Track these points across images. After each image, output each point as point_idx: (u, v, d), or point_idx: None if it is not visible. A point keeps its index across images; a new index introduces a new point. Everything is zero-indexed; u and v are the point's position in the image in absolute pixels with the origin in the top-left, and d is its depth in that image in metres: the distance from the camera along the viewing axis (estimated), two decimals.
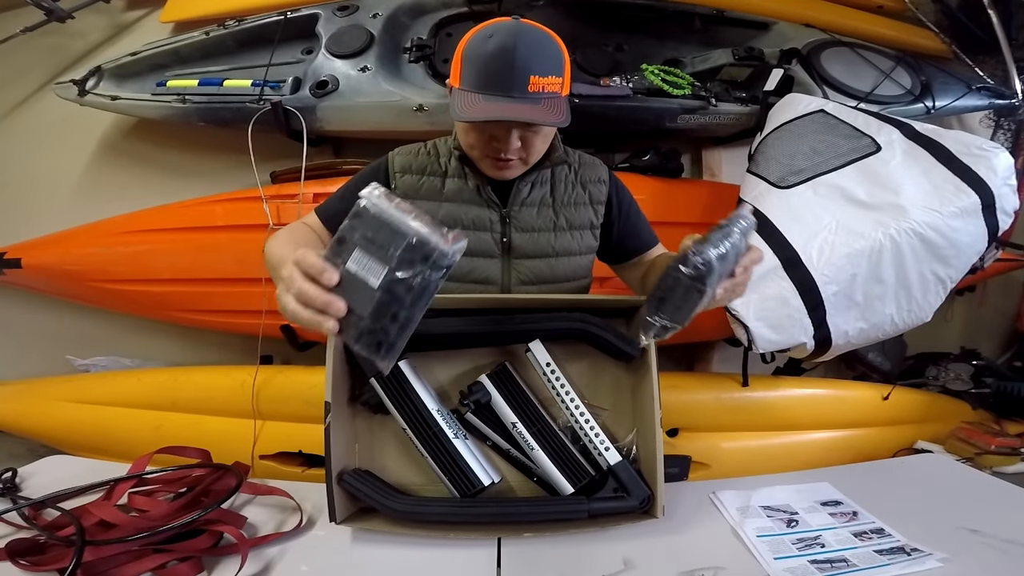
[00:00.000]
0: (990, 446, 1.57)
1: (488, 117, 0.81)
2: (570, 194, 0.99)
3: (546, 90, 0.82)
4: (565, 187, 0.99)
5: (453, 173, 0.96)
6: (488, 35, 0.82)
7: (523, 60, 0.80)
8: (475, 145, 0.89)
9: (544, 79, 0.82)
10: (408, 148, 1.01)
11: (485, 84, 0.82)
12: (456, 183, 0.96)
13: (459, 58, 0.85)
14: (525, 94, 0.81)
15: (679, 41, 1.94)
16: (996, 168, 1.34)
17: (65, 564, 0.65)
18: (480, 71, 0.82)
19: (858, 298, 1.33)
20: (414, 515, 0.75)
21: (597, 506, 0.76)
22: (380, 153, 1.02)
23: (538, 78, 0.81)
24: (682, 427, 1.61)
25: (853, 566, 0.68)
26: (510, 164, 0.89)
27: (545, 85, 0.82)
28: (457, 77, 0.85)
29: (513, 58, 0.80)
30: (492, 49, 0.81)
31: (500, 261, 0.97)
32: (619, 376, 0.88)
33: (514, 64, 0.80)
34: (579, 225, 0.99)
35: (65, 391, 1.71)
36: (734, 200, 1.50)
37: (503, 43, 0.80)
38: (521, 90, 0.81)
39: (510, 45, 0.80)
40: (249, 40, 1.87)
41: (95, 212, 1.85)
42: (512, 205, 0.96)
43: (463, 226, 0.95)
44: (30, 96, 2.14)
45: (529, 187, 0.96)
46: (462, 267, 0.95)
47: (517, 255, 0.97)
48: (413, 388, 0.79)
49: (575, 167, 1.01)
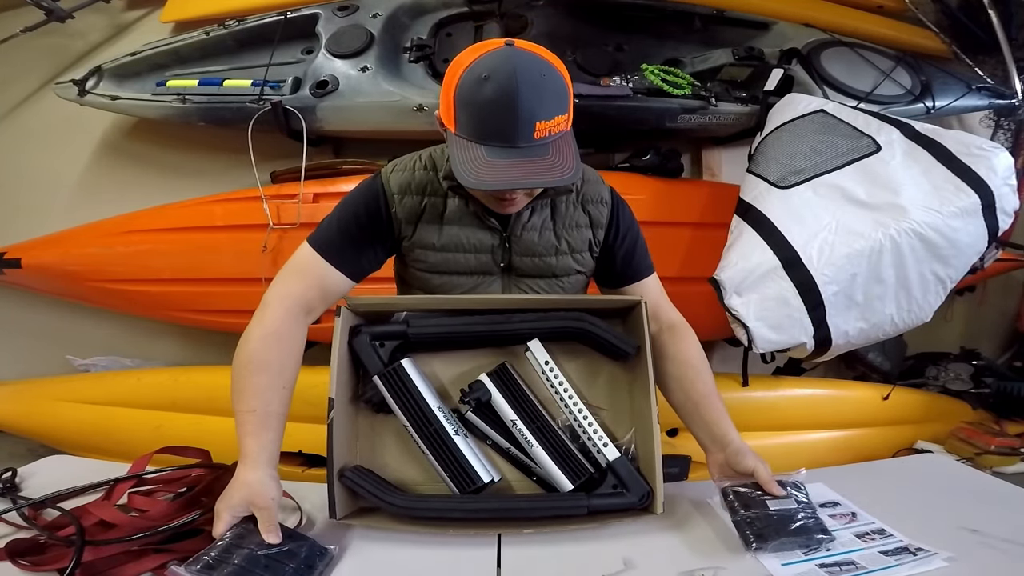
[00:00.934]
0: (990, 446, 1.57)
1: (496, 186, 0.75)
2: (571, 216, 0.94)
3: (553, 132, 0.75)
4: (566, 208, 0.94)
5: (454, 193, 0.92)
6: (483, 76, 0.73)
7: (527, 107, 0.72)
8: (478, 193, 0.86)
9: (550, 122, 0.74)
10: (402, 164, 0.92)
11: (487, 135, 0.74)
12: (458, 203, 0.91)
13: (452, 100, 0.76)
14: (531, 142, 0.74)
15: (679, 41, 1.94)
16: (996, 168, 1.34)
17: (65, 564, 0.64)
18: (481, 121, 0.74)
19: (858, 298, 1.33)
20: (414, 511, 0.75)
21: (596, 502, 0.76)
22: (380, 153, 1.00)
23: (544, 123, 0.74)
24: (682, 427, 1.61)
25: (862, 568, 0.67)
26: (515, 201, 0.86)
27: (552, 128, 0.75)
28: (452, 121, 0.77)
29: (516, 106, 0.72)
30: (491, 95, 0.72)
31: (500, 279, 0.95)
32: (616, 375, 0.88)
33: (518, 114, 0.72)
34: (579, 247, 0.95)
35: (65, 391, 1.72)
36: (734, 200, 1.50)
37: (503, 87, 0.71)
38: (527, 139, 0.74)
39: (511, 90, 0.71)
40: (249, 40, 1.87)
41: (95, 212, 1.85)
42: (513, 229, 0.92)
43: (464, 249, 0.92)
44: (30, 96, 2.14)
45: (530, 212, 0.92)
46: (463, 285, 0.94)
47: (518, 275, 0.95)
48: (415, 386, 0.79)
49: (577, 186, 0.95)
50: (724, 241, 1.43)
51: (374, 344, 0.81)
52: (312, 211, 1.63)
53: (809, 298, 1.30)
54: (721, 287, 1.34)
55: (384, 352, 0.81)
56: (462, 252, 0.92)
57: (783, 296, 1.31)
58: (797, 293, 1.30)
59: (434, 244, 0.91)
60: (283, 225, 1.62)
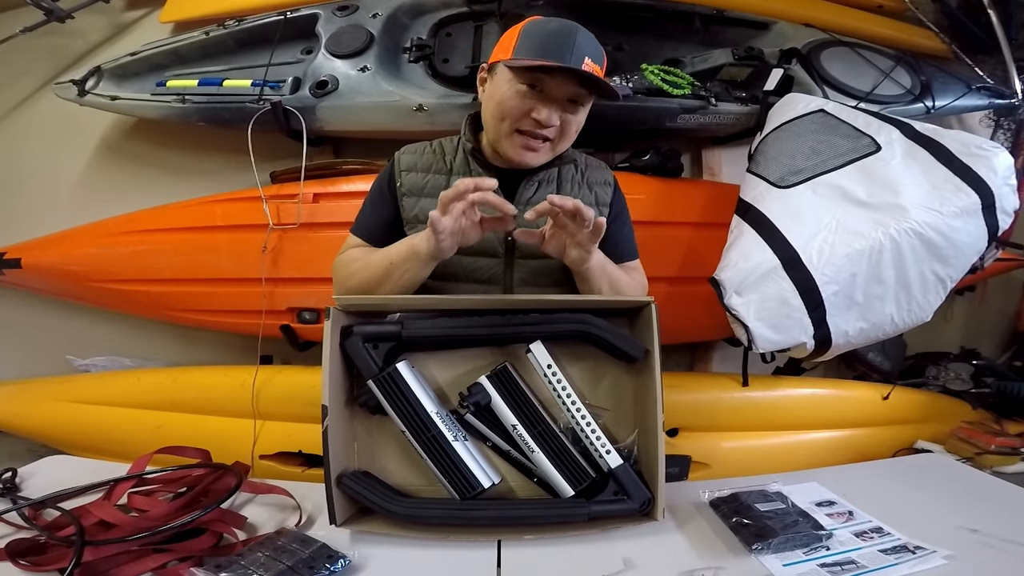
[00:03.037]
0: (990, 446, 1.57)
1: (549, 62, 0.82)
2: (576, 194, 0.97)
3: (596, 75, 0.85)
4: (572, 187, 0.98)
5: (459, 170, 0.96)
6: (548, 20, 0.89)
7: (582, 42, 0.85)
8: (509, 114, 0.89)
9: (595, 66, 0.86)
10: (414, 147, 1.02)
11: (543, 52, 0.84)
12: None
13: (515, 34, 0.88)
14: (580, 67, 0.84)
15: (679, 41, 1.94)
16: (996, 168, 1.33)
17: (65, 564, 0.65)
18: (539, 42, 0.85)
19: (858, 298, 1.33)
20: (414, 518, 0.75)
21: (597, 509, 0.76)
22: (380, 153, 1.03)
23: (592, 63, 0.85)
24: (682, 427, 1.61)
25: (863, 567, 0.67)
26: (538, 146, 0.90)
27: (596, 71, 0.86)
28: (510, 50, 0.88)
29: (574, 38, 0.84)
30: (554, 28, 0.87)
31: (503, 260, 0.96)
32: (621, 377, 0.87)
33: (575, 44, 0.84)
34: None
35: (65, 391, 1.71)
36: (734, 200, 1.50)
37: (564, 25, 0.87)
38: (578, 64, 0.83)
39: (571, 28, 0.86)
40: (249, 40, 1.87)
41: (95, 212, 1.85)
42: (518, 204, 0.94)
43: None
44: (30, 96, 2.14)
45: (535, 186, 0.96)
46: (464, 266, 0.95)
47: (520, 255, 0.96)
48: (412, 391, 0.78)
49: (582, 168, 1.01)
50: (724, 241, 1.43)
51: (367, 347, 0.79)
52: (312, 211, 1.63)
53: (809, 298, 1.30)
54: (721, 287, 1.33)
55: (378, 354, 0.80)
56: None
57: (783, 296, 1.31)
58: (797, 293, 1.30)
59: None
60: (283, 225, 1.62)
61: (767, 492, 0.83)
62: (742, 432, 1.64)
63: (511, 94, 0.88)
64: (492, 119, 0.92)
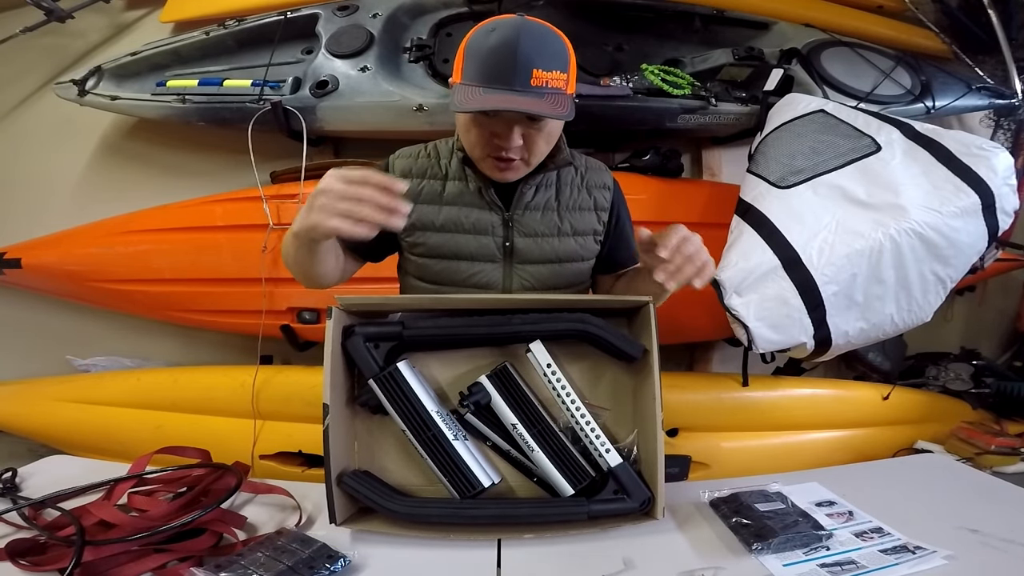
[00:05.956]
0: (990, 446, 1.57)
1: (486, 107, 0.78)
2: (575, 198, 0.96)
3: (550, 85, 0.79)
4: (571, 191, 0.96)
5: (454, 175, 0.94)
6: (491, 29, 0.81)
7: (525, 53, 0.78)
8: (476, 143, 0.87)
9: (548, 74, 0.79)
10: (409, 151, 0.99)
11: (486, 77, 0.79)
12: (457, 186, 0.94)
13: (461, 53, 0.83)
14: (528, 88, 0.78)
15: (679, 41, 1.94)
16: (996, 168, 1.34)
17: (65, 564, 0.64)
18: (481, 64, 0.80)
19: (858, 298, 1.33)
20: (414, 517, 0.75)
21: (597, 508, 0.76)
22: (380, 153, 1.02)
23: (541, 72, 0.79)
24: (682, 427, 1.61)
25: (863, 567, 0.67)
26: (511, 165, 0.87)
27: (549, 80, 0.79)
28: (459, 72, 0.83)
29: (515, 51, 0.77)
30: (494, 43, 0.79)
31: (502, 266, 0.95)
32: (620, 377, 0.87)
33: (516, 57, 0.77)
34: (583, 231, 0.97)
35: (65, 391, 1.72)
36: (734, 200, 1.50)
37: (505, 36, 0.79)
38: (524, 84, 0.78)
39: (512, 38, 0.78)
40: (249, 40, 1.87)
41: (95, 212, 1.85)
42: (515, 209, 0.93)
43: (464, 230, 0.93)
44: (30, 96, 2.14)
45: (533, 190, 0.94)
46: (462, 271, 0.94)
47: (519, 260, 0.95)
48: (412, 390, 0.78)
49: (581, 171, 0.99)
50: (724, 241, 1.43)
51: (368, 346, 0.79)
52: None
53: (809, 298, 1.30)
54: (721, 287, 1.33)
55: (379, 353, 0.80)
56: (462, 233, 0.93)
57: (783, 296, 1.31)
58: (797, 293, 1.30)
59: (434, 223, 0.93)
60: (283, 225, 1.62)
61: (767, 492, 0.83)
62: (742, 432, 1.64)
63: (468, 124, 0.86)
64: (464, 142, 0.91)
